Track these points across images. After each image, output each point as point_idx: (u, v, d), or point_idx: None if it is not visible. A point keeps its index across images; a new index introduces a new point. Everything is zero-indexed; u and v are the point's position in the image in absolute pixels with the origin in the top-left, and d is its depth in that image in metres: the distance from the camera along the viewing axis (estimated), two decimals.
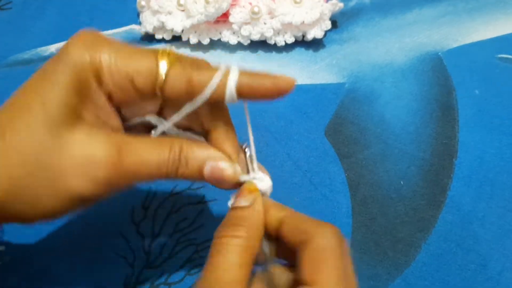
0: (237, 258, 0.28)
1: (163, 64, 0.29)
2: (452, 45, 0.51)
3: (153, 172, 0.30)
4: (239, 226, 0.30)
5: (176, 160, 0.30)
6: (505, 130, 0.46)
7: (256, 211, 0.30)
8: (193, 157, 0.31)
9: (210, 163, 0.31)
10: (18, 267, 0.40)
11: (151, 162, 0.30)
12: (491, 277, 0.39)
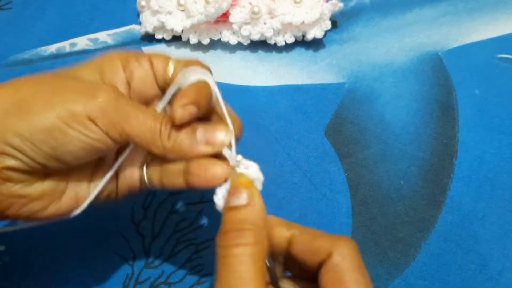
0: (251, 272, 0.26)
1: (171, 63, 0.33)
2: (452, 45, 0.51)
3: (148, 121, 0.30)
4: (244, 232, 0.27)
5: (170, 122, 0.30)
6: (505, 130, 0.46)
7: (257, 209, 0.29)
8: (187, 125, 0.31)
9: (204, 125, 0.31)
10: (18, 267, 0.40)
11: (149, 112, 0.31)
12: (491, 277, 0.39)
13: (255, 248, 0.27)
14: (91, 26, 0.55)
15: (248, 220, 0.28)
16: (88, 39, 0.54)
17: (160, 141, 0.30)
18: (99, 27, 0.55)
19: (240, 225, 0.28)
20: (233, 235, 0.27)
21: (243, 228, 0.28)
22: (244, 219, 0.28)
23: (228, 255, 0.27)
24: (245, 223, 0.28)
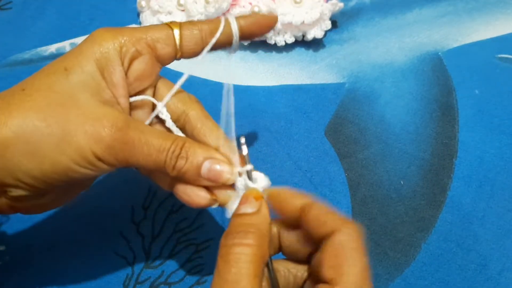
0: (248, 269, 0.27)
1: (176, 30, 0.33)
2: (452, 45, 0.51)
3: (153, 154, 0.30)
4: (248, 234, 0.28)
5: (178, 150, 0.31)
6: (505, 130, 0.46)
7: (263, 217, 0.30)
8: (194, 152, 0.31)
9: (210, 161, 0.31)
10: (18, 267, 0.40)
11: (154, 143, 0.30)
12: (491, 277, 0.39)
13: (255, 249, 0.28)
14: (91, 26, 0.55)
15: (253, 225, 0.29)
16: None
17: (165, 170, 0.31)
18: (99, 27, 0.54)
19: (245, 228, 0.29)
20: (236, 235, 0.28)
21: (247, 231, 0.28)
22: (249, 223, 0.29)
23: (229, 253, 0.27)
24: (250, 227, 0.29)
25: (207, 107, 0.48)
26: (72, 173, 0.29)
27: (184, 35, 0.33)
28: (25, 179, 0.29)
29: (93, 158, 0.29)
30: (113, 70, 0.31)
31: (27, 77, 0.34)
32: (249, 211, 0.30)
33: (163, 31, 0.33)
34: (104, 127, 0.29)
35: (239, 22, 0.34)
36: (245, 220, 0.29)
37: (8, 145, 0.28)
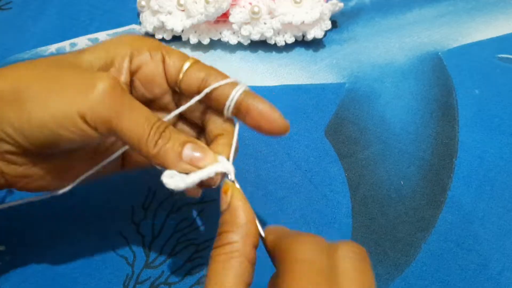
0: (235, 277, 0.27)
1: (187, 63, 0.34)
2: (452, 45, 0.51)
3: (140, 122, 0.30)
4: (227, 233, 0.29)
5: (162, 128, 0.30)
6: (505, 130, 0.46)
7: (235, 210, 0.29)
8: (177, 134, 0.31)
9: (192, 145, 0.31)
10: (18, 267, 0.40)
11: (143, 111, 0.30)
12: (491, 277, 0.39)
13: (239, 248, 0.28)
14: (91, 26, 0.55)
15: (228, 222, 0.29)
16: (88, 39, 0.54)
17: (146, 145, 0.30)
18: (99, 27, 0.55)
19: (223, 228, 0.29)
20: (217, 239, 0.29)
21: (225, 231, 0.29)
22: (225, 222, 0.29)
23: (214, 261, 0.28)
24: (226, 225, 0.29)
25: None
26: (48, 132, 0.29)
27: (191, 69, 0.33)
28: (6, 129, 0.29)
29: (76, 116, 0.29)
30: (123, 59, 0.33)
31: None
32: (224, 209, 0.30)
33: (179, 55, 0.34)
34: (96, 82, 0.29)
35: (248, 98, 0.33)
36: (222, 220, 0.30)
37: (0, 95, 0.30)
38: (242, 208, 0.30)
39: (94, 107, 0.29)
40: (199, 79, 0.33)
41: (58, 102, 0.29)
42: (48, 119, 0.29)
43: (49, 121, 0.29)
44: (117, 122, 0.29)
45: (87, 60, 0.32)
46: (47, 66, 0.31)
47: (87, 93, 0.29)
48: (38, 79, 0.30)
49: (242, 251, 0.28)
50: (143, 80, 0.34)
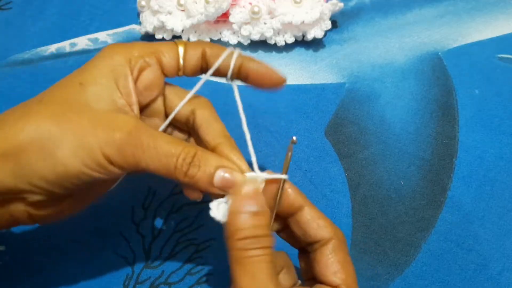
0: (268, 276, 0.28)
1: (181, 47, 0.34)
2: (452, 45, 0.51)
3: (163, 158, 0.30)
4: (263, 238, 0.29)
5: (189, 158, 0.30)
6: (505, 130, 0.46)
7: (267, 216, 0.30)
8: (206, 160, 0.31)
9: (223, 170, 0.31)
10: (18, 267, 0.40)
11: (164, 147, 0.30)
12: (491, 277, 0.39)
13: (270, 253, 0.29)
14: (91, 26, 0.55)
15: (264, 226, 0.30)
16: (88, 39, 0.54)
17: (176, 176, 0.30)
18: (99, 27, 0.55)
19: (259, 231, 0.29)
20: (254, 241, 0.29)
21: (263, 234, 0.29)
22: (260, 225, 0.30)
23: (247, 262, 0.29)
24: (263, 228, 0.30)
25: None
26: (84, 177, 0.30)
27: (188, 52, 0.34)
28: (40, 184, 0.29)
29: (104, 161, 0.29)
30: (125, 80, 0.32)
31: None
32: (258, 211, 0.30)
33: (169, 45, 0.34)
34: (115, 130, 0.30)
35: (246, 62, 0.34)
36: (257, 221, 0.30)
37: (24, 150, 0.29)
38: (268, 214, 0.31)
39: (118, 152, 0.30)
40: (199, 57, 0.34)
41: (86, 151, 0.29)
42: (82, 168, 0.29)
43: (84, 169, 0.29)
44: (142, 163, 0.30)
45: (94, 95, 0.32)
46: (64, 112, 0.31)
47: (110, 139, 0.29)
48: (60, 129, 0.30)
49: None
50: (142, 87, 0.34)
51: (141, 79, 0.33)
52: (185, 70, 0.34)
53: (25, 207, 0.31)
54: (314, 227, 0.31)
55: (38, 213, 0.32)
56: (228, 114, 0.47)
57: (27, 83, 0.51)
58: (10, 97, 0.50)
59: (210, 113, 0.35)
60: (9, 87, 0.51)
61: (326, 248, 0.31)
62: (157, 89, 0.34)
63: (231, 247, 0.29)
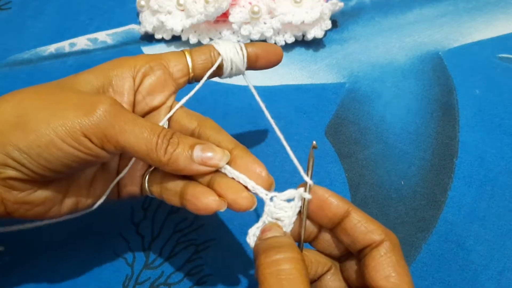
0: (300, 283, 0.27)
1: (187, 54, 0.36)
2: (453, 45, 0.51)
3: (145, 133, 0.30)
4: (290, 247, 0.29)
5: (169, 135, 0.31)
6: (506, 130, 0.46)
7: (289, 238, 0.30)
8: (185, 138, 0.31)
9: (201, 146, 0.31)
10: (18, 267, 0.40)
11: (146, 124, 0.30)
12: (492, 277, 0.39)
13: (302, 262, 0.28)
14: (90, 26, 0.55)
15: (286, 243, 0.29)
16: (87, 39, 0.54)
17: (156, 154, 0.30)
18: (98, 27, 0.55)
19: (284, 244, 0.29)
20: (280, 250, 0.28)
21: (287, 246, 0.29)
22: (285, 241, 0.29)
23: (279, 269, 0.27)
24: (287, 243, 0.29)
25: (206, 107, 0.48)
26: (55, 149, 0.29)
27: (194, 55, 0.35)
28: (12, 153, 0.29)
29: (78, 133, 0.29)
30: (122, 81, 0.33)
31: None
32: (277, 235, 0.30)
33: (176, 53, 0.36)
34: (94, 104, 0.30)
35: (249, 49, 0.36)
36: (279, 239, 0.29)
37: (4, 118, 0.30)
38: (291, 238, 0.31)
39: (97, 126, 0.29)
40: (207, 57, 0.36)
41: (62, 121, 0.29)
42: (53, 137, 0.29)
43: (55, 139, 0.29)
44: (123, 138, 0.30)
45: (84, 80, 0.33)
46: (48, 90, 0.32)
47: (89, 113, 0.29)
48: (40, 101, 0.30)
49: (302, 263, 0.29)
50: (145, 92, 0.34)
51: (144, 83, 0.34)
52: (195, 73, 0.36)
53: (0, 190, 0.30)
54: (363, 231, 0.29)
55: (9, 197, 0.31)
56: (228, 114, 0.48)
57: (26, 83, 0.50)
58: None
59: (216, 126, 0.35)
60: (8, 87, 0.50)
61: (376, 251, 0.29)
62: (161, 95, 0.35)
63: (257, 267, 0.28)
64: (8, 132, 0.29)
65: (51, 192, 0.32)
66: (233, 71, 0.37)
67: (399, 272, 0.28)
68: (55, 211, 0.33)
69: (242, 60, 0.36)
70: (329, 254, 0.32)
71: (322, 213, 0.31)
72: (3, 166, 0.30)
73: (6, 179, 0.30)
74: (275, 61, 0.38)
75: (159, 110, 0.35)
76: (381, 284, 0.28)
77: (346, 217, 0.30)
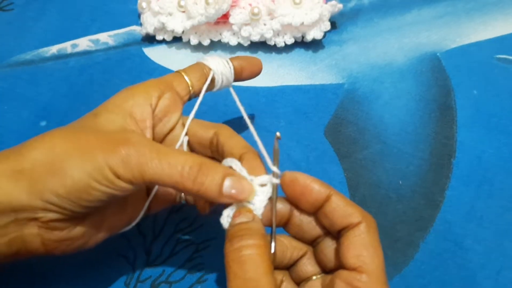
0: (264, 267, 0.28)
1: (184, 74, 0.38)
2: (451, 46, 0.52)
3: (172, 167, 0.30)
4: (253, 235, 0.30)
5: (197, 167, 0.31)
6: (503, 130, 0.46)
7: (259, 223, 0.31)
8: (215, 168, 0.31)
9: (231, 178, 0.31)
10: (18, 267, 0.40)
11: (172, 157, 0.31)
12: (490, 276, 0.39)
13: (264, 248, 0.29)
14: (92, 27, 0.55)
15: (254, 229, 0.30)
16: (89, 40, 0.54)
17: (184, 185, 0.31)
18: (100, 28, 0.55)
19: (248, 231, 0.30)
20: (243, 238, 0.29)
21: (251, 233, 0.30)
22: (250, 227, 0.30)
23: (241, 255, 0.29)
24: (252, 230, 0.30)
25: (206, 107, 0.48)
26: (92, 190, 0.30)
27: (190, 74, 0.38)
28: (52, 199, 0.30)
29: (110, 174, 0.30)
30: (140, 108, 0.35)
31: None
32: (245, 220, 0.31)
33: (173, 74, 0.38)
34: (119, 143, 0.31)
35: (235, 63, 0.40)
36: (245, 226, 0.30)
37: (36, 167, 0.30)
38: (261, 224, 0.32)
39: (124, 165, 0.30)
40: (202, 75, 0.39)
41: (94, 164, 0.30)
42: (90, 181, 0.30)
43: (92, 183, 0.30)
44: (148, 174, 0.30)
45: (106, 120, 0.34)
46: (74, 132, 0.32)
47: (115, 152, 0.30)
48: (70, 144, 0.31)
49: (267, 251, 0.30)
50: (161, 114, 0.36)
51: (159, 106, 0.36)
52: (194, 89, 0.38)
53: (38, 229, 0.31)
54: (342, 215, 0.31)
55: (51, 237, 0.32)
56: (227, 114, 0.48)
57: (28, 84, 0.51)
58: (11, 97, 0.50)
59: (231, 132, 0.36)
60: (10, 88, 0.51)
61: (352, 232, 0.30)
62: (175, 114, 0.37)
63: (225, 256, 0.29)
64: (44, 179, 0.30)
65: (89, 224, 0.33)
66: (223, 83, 0.39)
67: (370, 252, 0.30)
68: (93, 240, 0.34)
69: (230, 72, 0.39)
70: (301, 238, 0.34)
71: (303, 199, 0.32)
72: (43, 211, 0.30)
73: (48, 221, 0.31)
74: (257, 71, 0.42)
75: (175, 129, 0.37)
76: (351, 262, 0.29)
77: (327, 202, 0.31)
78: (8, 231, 0.30)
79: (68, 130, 0.33)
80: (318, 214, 0.32)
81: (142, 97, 0.35)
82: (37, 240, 0.31)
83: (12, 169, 0.30)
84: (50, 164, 0.30)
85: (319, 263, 0.33)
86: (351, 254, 0.30)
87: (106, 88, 0.50)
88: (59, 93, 0.50)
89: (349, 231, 0.30)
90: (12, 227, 0.30)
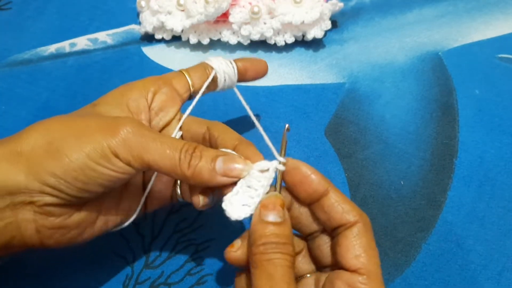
0: (289, 278, 0.29)
1: (185, 73, 0.39)
2: (452, 45, 0.51)
3: (168, 150, 0.31)
4: (286, 245, 0.29)
5: (191, 149, 0.32)
6: (505, 130, 0.46)
7: (289, 227, 0.31)
8: (207, 151, 0.32)
9: (223, 157, 0.32)
10: (16, 268, 0.40)
11: (168, 141, 0.32)
12: (492, 277, 0.39)
13: (292, 260, 0.29)
14: (90, 26, 0.55)
15: (286, 236, 0.30)
16: (87, 39, 0.54)
17: (180, 169, 0.31)
18: (98, 27, 0.55)
19: (281, 238, 0.30)
20: (276, 247, 0.29)
21: (284, 242, 0.30)
22: (283, 234, 0.30)
23: (270, 263, 0.29)
24: (285, 237, 0.30)
25: (206, 107, 0.48)
26: (89, 171, 0.30)
27: (191, 73, 0.38)
28: (49, 180, 0.30)
29: (109, 153, 0.30)
30: (136, 102, 0.36)
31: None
32: (279, 221, 0.30)
33: (175, 73, 0.39)
34: (120, 125, 0.31)
35: (238, 64, 0.40)
36: (280, 231, 0.30)
37: (35, 148, 0.31)
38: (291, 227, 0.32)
39: (124, 145, 0.31)
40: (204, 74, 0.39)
41: (92, 144, 0.30)
42: (87, 160, 0.30)
43: (88, 162, 0.30)
44: (147, 155, 0.31)
45: (104, 110, 0.35)
46: (72, 118, 0.33)
47: (115, 134, 0.31)
48: (68, 128, 0.32)
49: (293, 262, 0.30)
50: (157, 108, 0.37)
51: (155, 101, 0.36)
52: (195, 88, 0.38)
53: (33, 215, 0.31)
54: (339, 211, 0.31)
55: (45, 223, 0.32)
56: (227, 114, 0.48)
57: (26, 83, 0.51)
58: (9, 97, 0.50)
59: (224, 127, 0.37)
60: (9, 87, 0.51)
61: (350, 231, 0.30)
62: (172, 110, 0.37)
63: (252, 253, 0.29)
64: (42, 160, 0.30)
65: (85, 214, 0.33)
66: (226, 83, 0.39)
67: (368, 253, 0.30)
68: (88, 233, 0.34)
69: (233, 72, 0.39)
70: (299, 231, 0.34)
71: (302, 188, 0.32)
72: (40, 194, 0.30)
73: (44, 205, 0.31)
74: (263, 71, 0.42)
75: (171, 124, 0.37)
76: (351, 263, 0.30)
77: (325, 196, 0.32)
78: (4, 215, 0.30)
79: (68, 117, 0.34)
80: (316, 208, 0.32)
81: (139, 91, 0.36)
82: (32, 226, 0.31)
83: (11, 151, 0.31)
84: (48, 146, 0.31)
85: (314, 259, 0.34)
86: (350, 255, 0.30)
87: (104, 87, 0.49)
88: (57, 92, 0.50)
89: (347, 231, 0.31)
90: (8, 212, 0.31)
